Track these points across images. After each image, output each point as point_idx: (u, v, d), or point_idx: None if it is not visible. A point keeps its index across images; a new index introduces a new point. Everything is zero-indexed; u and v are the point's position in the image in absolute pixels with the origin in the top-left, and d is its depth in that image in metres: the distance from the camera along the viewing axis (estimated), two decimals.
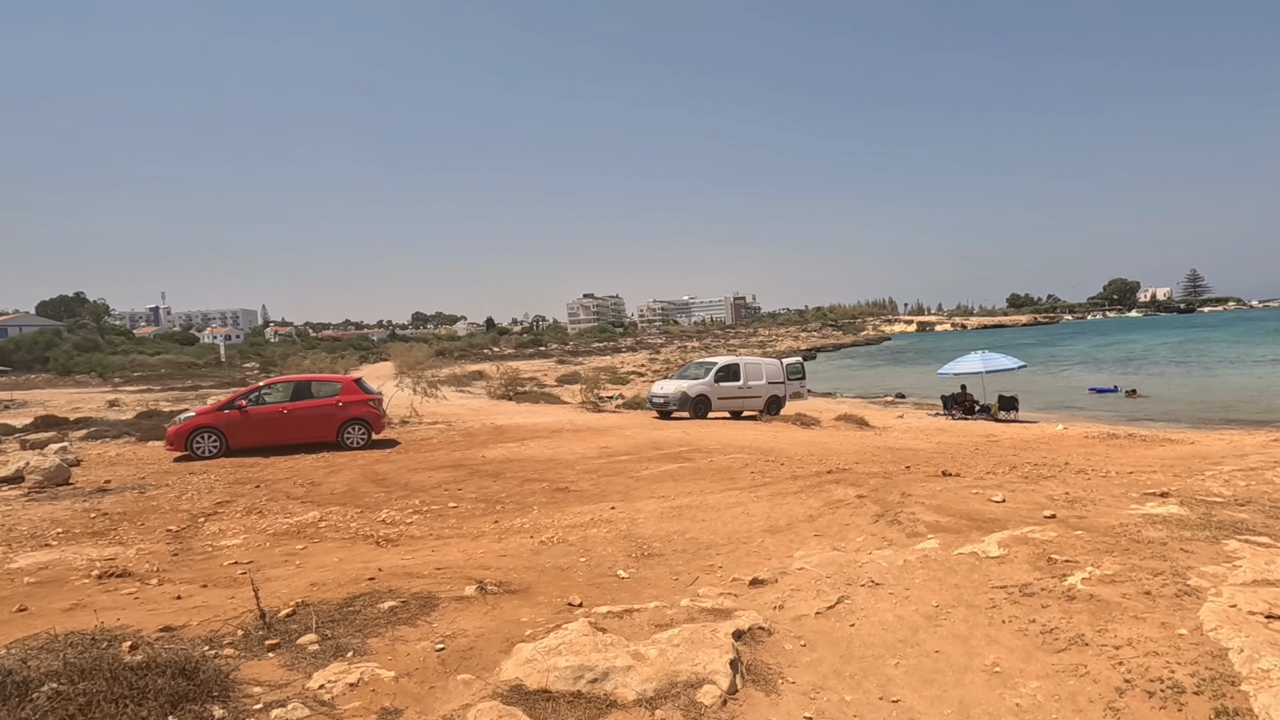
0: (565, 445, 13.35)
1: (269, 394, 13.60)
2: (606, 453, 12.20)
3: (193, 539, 6.64)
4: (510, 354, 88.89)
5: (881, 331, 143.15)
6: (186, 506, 8.25)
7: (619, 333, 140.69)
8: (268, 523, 7.23)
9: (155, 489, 9.48)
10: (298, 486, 9.46)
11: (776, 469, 9.31)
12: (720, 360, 19.83)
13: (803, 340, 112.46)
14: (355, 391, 13.70)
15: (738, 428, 16.50)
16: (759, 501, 7.01)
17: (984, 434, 16.11)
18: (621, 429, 16.26)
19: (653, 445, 12.95)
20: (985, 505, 6.44)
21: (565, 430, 16.18)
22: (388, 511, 7.63)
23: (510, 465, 10.97)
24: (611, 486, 8.73)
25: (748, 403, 19.59)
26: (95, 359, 58.69)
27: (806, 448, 12.40)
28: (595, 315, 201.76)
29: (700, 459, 10.72)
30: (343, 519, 7.31)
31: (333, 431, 13.31)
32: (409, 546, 5.98)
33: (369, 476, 10.22)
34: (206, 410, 12.91)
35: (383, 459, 12.09)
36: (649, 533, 6.04)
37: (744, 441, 13.29)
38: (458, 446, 13.68)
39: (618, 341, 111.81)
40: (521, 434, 15.64)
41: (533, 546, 5.75)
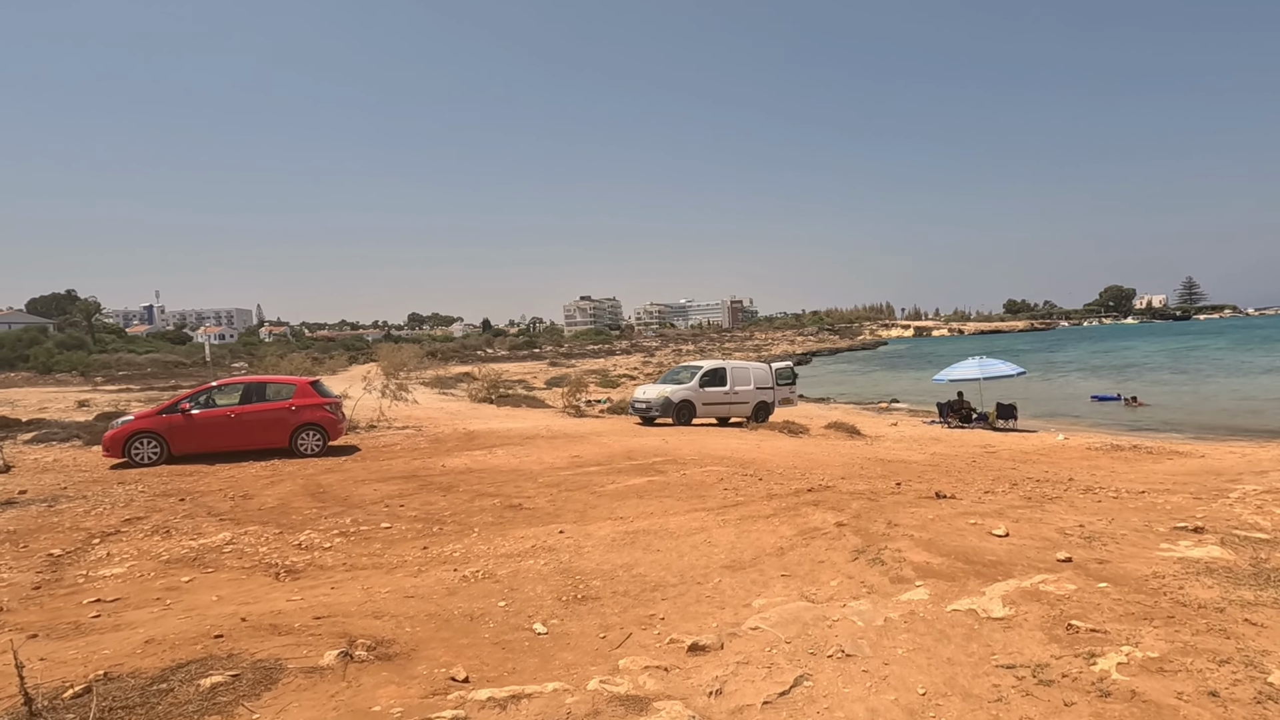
0: (534, 454, 12.49)
1: (221, 395, 12.71)
2: (576, 463, 11.34)
3: (72, 566, 5.76)
4: (504, 355, 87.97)
5: (878, 336, 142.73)
6: (90, 524, 7.36)
7: (614, 335, 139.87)
8: (168, 546, 6.34)
9: (70, 501, 8.59)
10: (226, 500, 8.57)
11: (753, 486, 8.44)
12: (706, 364, 18.99)
13: (799, 344, 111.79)
14: (310, 394, 12.81)
15: (721, 436, 15.64)
16: (725, 527, 6.15)
17: (981, 444, 15.28)
18: (599, 436, 15.39)
19: (627, 454, 12.08)
20: (985, 540, 5.51)
21: (539, 437, 15.31)
22: (310, 533, 6.75)
23: (467, 477, 10.10)
24: (569, 504, 7.87)
25: (734, 409, 18.73)
26: (76, 358, 57.56)
27: (790, 459, 11.55)
28: (592, 318, 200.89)
29: (673, 472, 9.85)
30: (255, 542, 6.43)
31: (285, 437, 12.41)
32: (309, 580, 5.11)
33: (309, 489, 9.34)
34: (146, 414, 11.99)
35: (333, 468, 11.20)
36: (592, 566, 5.18)
37: (724, 451, 12.43)
38: (420, 454, 12.81)
39: (612, 344, 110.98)
40: (492, 440, 14.76)
41: (451, 583, 4.89)
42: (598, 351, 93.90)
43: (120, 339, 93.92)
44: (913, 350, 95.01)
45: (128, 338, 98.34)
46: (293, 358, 28.37)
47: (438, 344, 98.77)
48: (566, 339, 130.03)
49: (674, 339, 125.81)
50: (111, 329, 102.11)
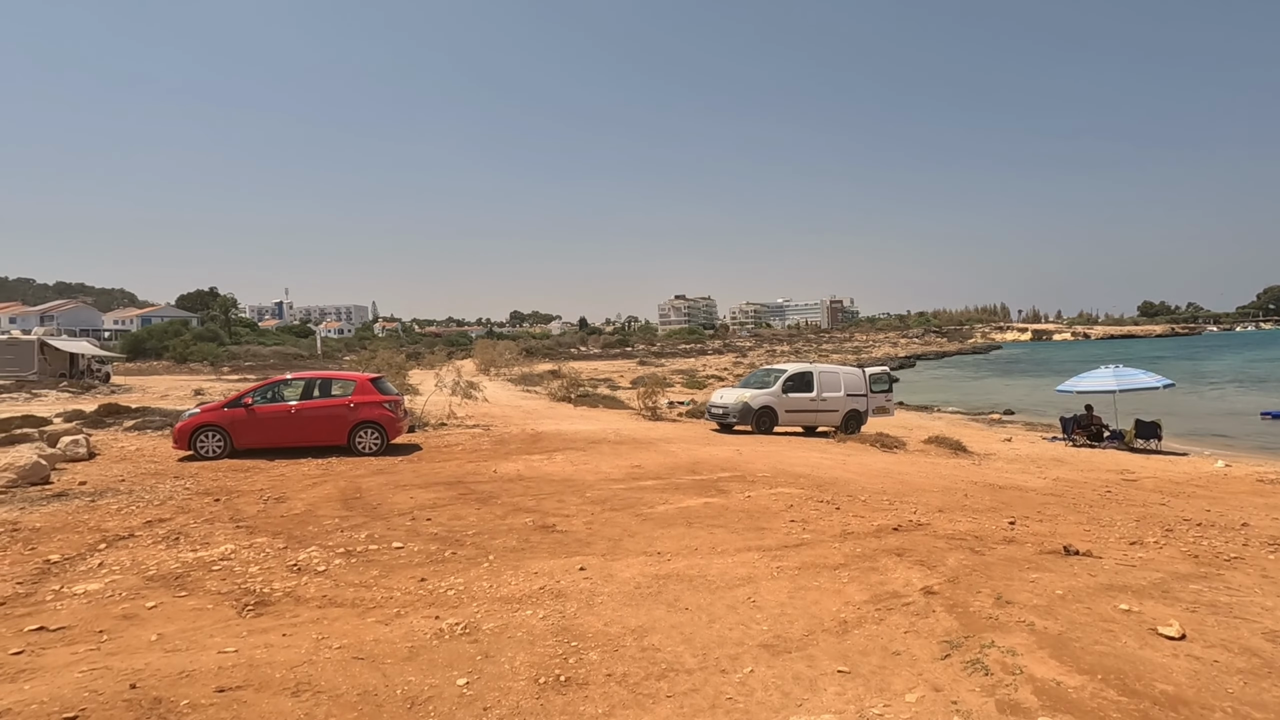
0: (593, 461, 11.57)
1: (287, 390, 12.64)
2: (633, 474, 10.31)
3: (57, 577, 5.33)
4: (596, 354, 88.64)
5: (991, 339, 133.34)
6: (112, 524, 7.08)
7: (707, 335, 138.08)
8: (164, 558, 5.84)
9: (114, 497, 8.47)
10: (258, 503, 8.17)
11: (826, 518, 7.06)
12: (790, 368, 17.44)
13: (902, 346, 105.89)
14: (370, 391, 12.49)
15: (802, 448, 14.13)
16: (779, 579, 4.89)
17: (1116, 469, 12.96)
18: (668, 443, 14.30)
19: (691, 467, 10.92)
20: (1150, 647, 3.78)
21: (605, 441, 14.41)
22: (314, 550, 6.09)
23: (512, 487, 9.30)
24: (606, 528, 6.83)
25: (822, 417, 17.09)
26: (208, 349, 62.82)
27: (879, 481, 9.99)
28: (686, 316, 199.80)
29: (736, 493, 8.60)
30: (251, 558, 5.83)
31: (343, 434, 12.15)
32: (269, 620, 4.35)
33: (346, 493, 8.83)
34: (212, 407, 12.05)
35: (383, 470, 10.75)
36: (598, 627, 4.12)
37: (803, 468, 11.01)
38: (476, 457, 12.21)
39: (705, 343, 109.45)
40: (555, 444, 14.01)
41: (421, 639, 3.97)
42: (689, 351, 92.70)
43: (253, 332, 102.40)
44: (1029, 355, 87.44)
45: (259, 331, 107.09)
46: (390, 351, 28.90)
47: (534, 341, 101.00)
48: (659, 338, 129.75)
49: (768, 339, 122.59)
50: (246, 323, 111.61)
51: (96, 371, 38.74)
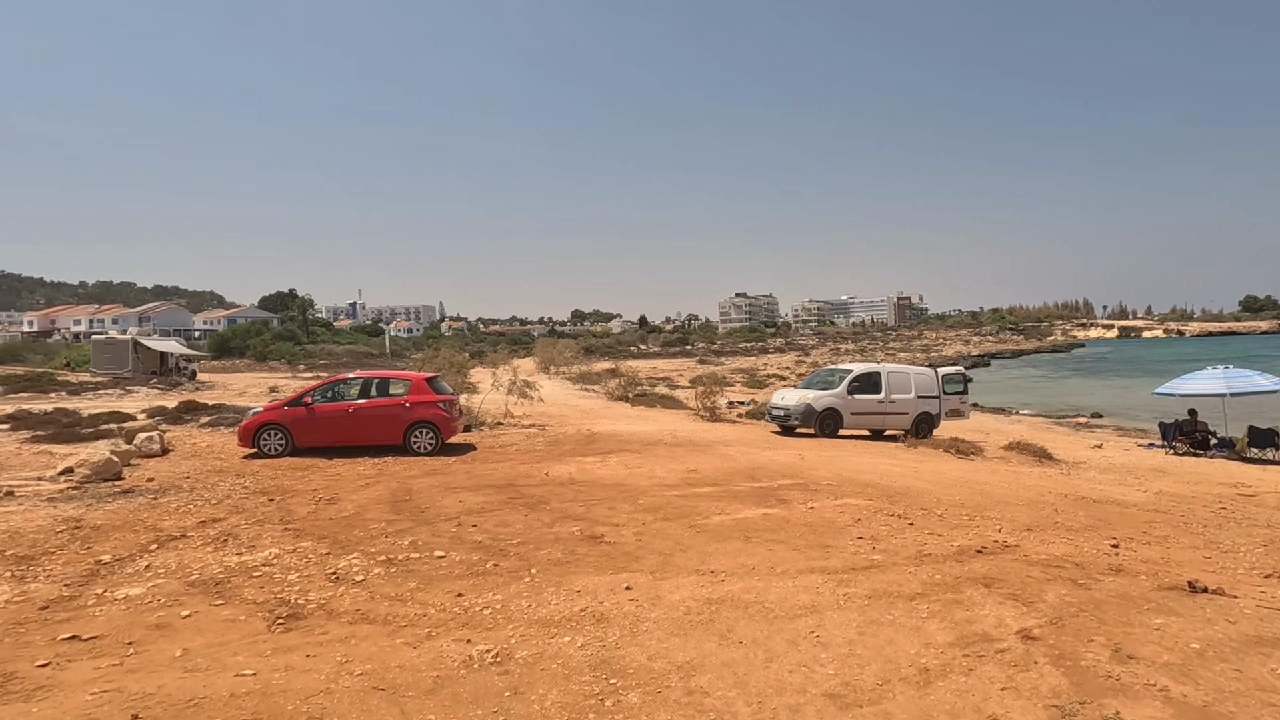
0: (647, 465, 11.18)
1: (347, 389, 12.77)
2: (689, 479, 9.86)
3: (104, 579, 5.31)
4: (656, 352, 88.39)
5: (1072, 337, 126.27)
6: (168, 524, 7.14)
7: (769, 333, 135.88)
8: (209, 561, 5.78)
9: (176, 495, 8.62)
10: (309, 504, 8.14)
11: (898, 535, 6.42)
12: (857, 367, 16.59)
13: (975, 345, 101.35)
14: (425, 391, 12.47)
15: (870, 453, 13.34)
16: (847, 608, 4.35)
17: (1229, 482, 11.66)
18: (726, 446, 13.77)
19: (750, 473, 10.39)
20: None
21: (661, 444, 14.01)
22: (356, 557, 5.91)
23: (563, 491, 9.01)
24: (657, 540, 6.41)
25: (890, 420, 16.19)
26: (285, 348, 65.86)
27: (956, 492, 9.20)
28: (747, 314, 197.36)
29: (798, 503, 8.03)
30: (292, 565, 5.69)
31: (399, 434, 12.16)
32: (296, 637, 4.13)
33: (396, 495, 8.72)
34: (274, 406, 12.27)
35: (436, 470, 10.66)
36: (641, 661, 3.70)
37: (871, 475, 10.30)
38: (530, 458, 12.01)
39: (766, 342, 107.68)
40: (610, 445, 13.70)
41: (447, 668, 3.65)
42: (750, 349, 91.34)
43: (328, 331, 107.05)
44: (1116, 354, 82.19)
45: (334, 330, 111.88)
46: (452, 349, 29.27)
47: (594, 340, 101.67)
48: (719, 336, 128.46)
49: (832, 337, 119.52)
50: (322, 322, 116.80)
51: (183, 369, 40.99)
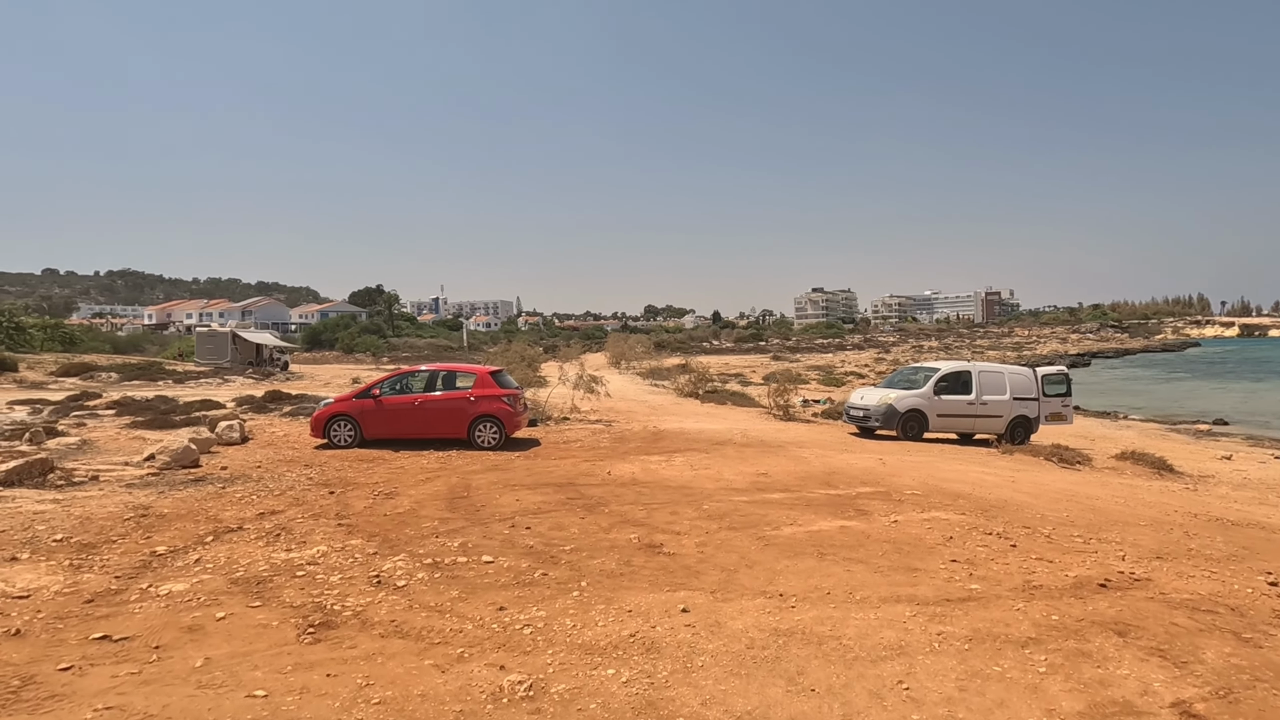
0: (715, 466, 10.60)
1: (414, 382, 12.80)
2: (758, 484, 9.22)
3: (154, 572, 5.24)
4: (729, 348, 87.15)
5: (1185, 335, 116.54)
6: (229, 514, 7.14)
7: (847, 329, 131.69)
8: (258, 556, 5.65)
9: (244, 484, 8.72)
10: (367, 498, 8.02)
11: (1000, 558, 5.60)
12: (944, 366, 15.39)
13: (1073, 343, 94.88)
14: (489, 385, 12.32)
15: (958, 459, 12.25)
16: (943, 651, 3.66)
17: None
18: (800, 447, 13.00)
19: (825, 478, 9.64)
20: None
21: (730, 443, 13.37)
22: (402, 559, 5.65)
23: (624, 492, 8.56)
24: (720, 553, 5.85)
25: (981, 423, 14.93)
26: (370, 341, 68.73)
27: (1063, 507, 8.17)
28: (824, 310, 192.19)
29: (880, 515, 7.27)
30: (338, 564, 5.48)
31: (463, 428, 12.06)
32: (323, 651, 3.83)
33: (455, 491, 8.51)
34: (345, 397, 12.42)
35: (498, 465, 10.44)
36: (694, 708, 3.16)
37: (961, 485, 9.35)
38: (594, 455, 11.65)
39: (844, 338, 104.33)
40: (677, 444, 13.18)
41: (471, 702, 3.23)
42: (826, 346, 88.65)
43: (412, 325, 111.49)
44: (1238, 354, 74.88)
45: (417, 325, 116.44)
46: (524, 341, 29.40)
47: (666, 335, 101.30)
48: (795, 332, 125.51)
49: (914, 334, 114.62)
50: (406, 317, 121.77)
51: (276, 360, 43.28)
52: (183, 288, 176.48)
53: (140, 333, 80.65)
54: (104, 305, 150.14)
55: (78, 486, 8.25)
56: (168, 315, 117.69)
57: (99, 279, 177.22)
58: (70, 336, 47.19)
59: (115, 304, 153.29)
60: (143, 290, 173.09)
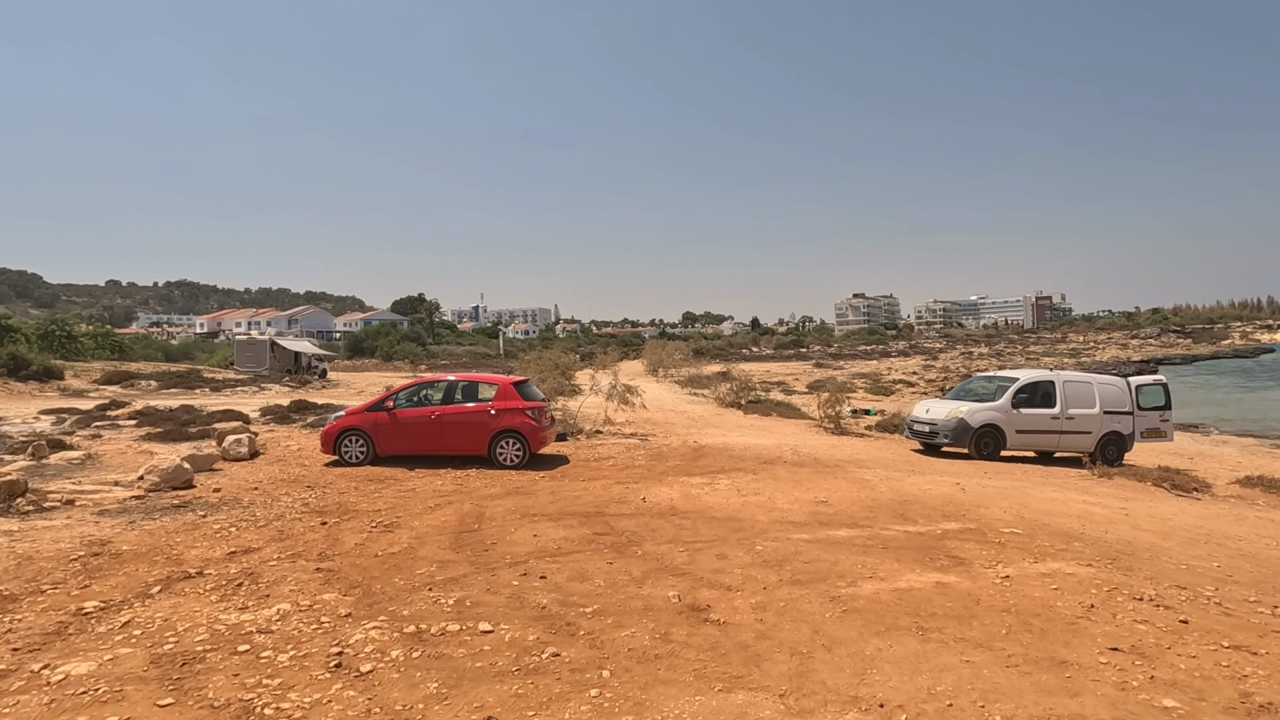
0: (765, 490, 9.21)
1: (433, 393, 11.71)
2: (819, 515, 7.80)
3: (64, 642, 4.14)
4: (769, 355, 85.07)
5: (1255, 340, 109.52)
6: (196, 552, 6.06)
7: (890, 335, 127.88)
8: (201, 619, 4.52)
9: (228, 511, 7.69)
10: (362, 531, 6.88)
11: (1179, 645, 4.06)
12: (1023, 375, 13.65)
13: (1134, 349, 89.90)
14: (512, 396, 11.14)
15: (1051, 484, 10.57)
16: None
17: None
18: (860, 466, 11.49)
19: (898, 508, 8.15)
20: None
21: (780, 461, 11.94)
22: (380, 624, 4.44)
23: (661, 526, 7.25)
24: (785, 622, 4.49)
25: (1067, 440, 13.15)
26: (408, 348, 68.89)
27: (1208, 555, 6.54)
28: (865, 316, 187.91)
29: (982, 566, 5.79)
30: (295, 633, 4.30)
31: (483, 444, 10.90)
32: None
33: (463, 523, 7.31)
34: (357, 410, 11.38)
35: (519, 489, 9.23)
36: None
37: (1068, 520, 7.76)
38: (626, 476, 10.36)
39: (888, 344, 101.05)
40: (720, 462, 11.81)
41: None
42: (870, 353, 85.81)
43: (452, 333, 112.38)
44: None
45: (457, 332, 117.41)
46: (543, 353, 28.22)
47: (704, 342, 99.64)
48: (836, 338, 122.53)
49: (961, 340, 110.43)
50: (447, 325, 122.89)
51: (314, 368, 43.22)
52: (235, 297, 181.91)
53: (192, 341, 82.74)
54: (161, 315, 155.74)
55: (45, 514, 7.32)
56: (218, 324, 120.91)
57: (158, 290, 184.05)
58: (120, 345, 48.10)
59: (172, 313, 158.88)
60: (198, 300, 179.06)
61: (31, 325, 43.63)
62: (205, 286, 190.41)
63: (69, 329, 43.63)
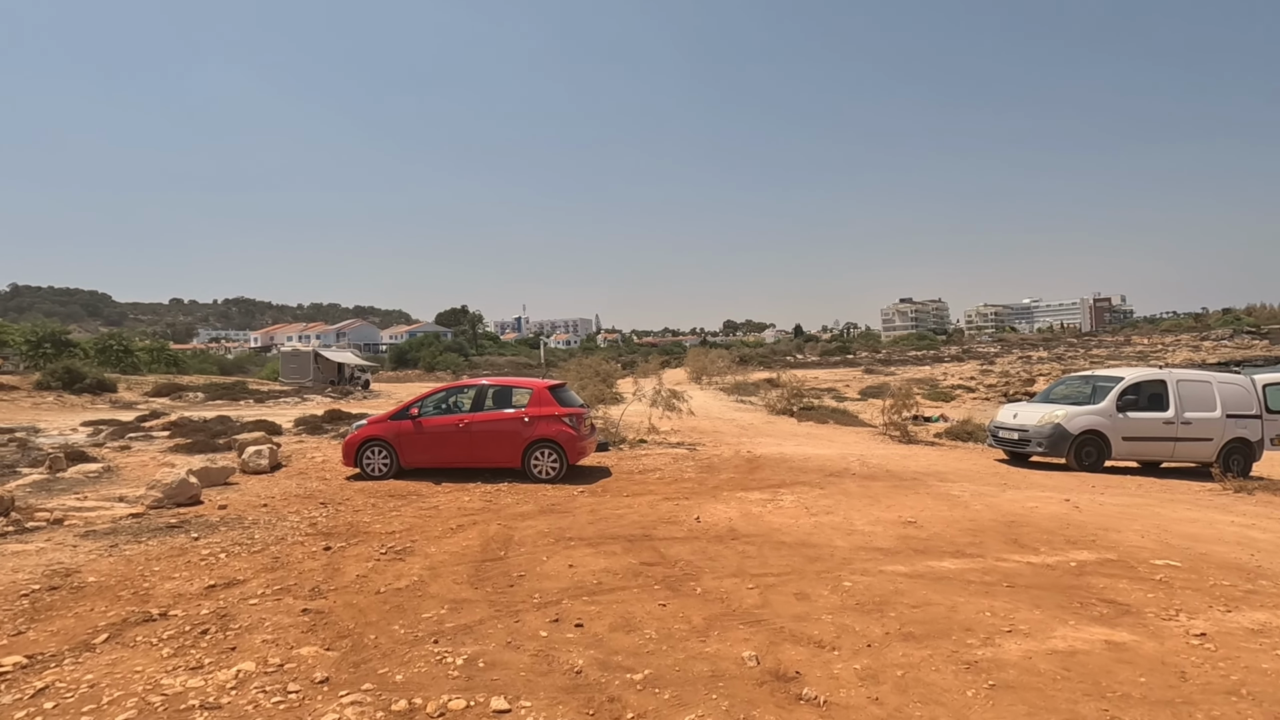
0: (839, 509, 7.88)
1: (462, 399, 10.73)
2: (910, 540, 6.47)
3: None
4: (814, 361, 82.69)
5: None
6: (169, 586, 5.10)
7: (941, 340, 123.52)
8: (143, 680, 3.50)
9: (223, 533, 6.77)
10: (371, 558, 5.85)
11: None
12: (1129, 374, 11.94)
13: (1207, 351, 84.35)
14: (547, 402, 10.05)
15: (1180, 500, 8.93)
16: None
17: None
18: (943, 480, 10.04)
19: (1006, 532, 6.74)
20: None
21: (847, 473, 10.57)
22: (360, 697, 3.34)
23: (721, 553, 6.03)
24: (914, 704, 3.24)
25: (1184, 448, 11.41)
26: (450, 359, 69.12)
27: None
28: (913, 321, 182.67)
29: (1154, 614, 4.40)
30: (249, 707, 3.22)
31: (516, 455, 9.84)
32: None
33: (487, 548, 6.22)
34: (379, 418, 10.45)
35: (554, 507, 8.12)
36: None
37: (1228, 548, 6.23)
38: (675, 491, 9.16)
39: (939, 349, 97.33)
40: (780, 474, 10.51)
41: None
42: (921, 358, 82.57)
43: (494, 344, 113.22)
44: None
45: (500, 343, 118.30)
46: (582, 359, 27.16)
47: (747, 349, 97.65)
48: (884, 344, 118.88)
49: (1016, 344, 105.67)
50: (490, 336, 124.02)
51: (357, 379, 43.24)
52: (288, 313, 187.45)
53: (246, 355, 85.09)
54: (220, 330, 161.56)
55: (24, 535, 6.51)
56: (270, 338, 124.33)
57: (216, 307, 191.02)
58: (174, 358, 49.20)
59: (229, 329, 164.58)
60: (254, 316, 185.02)
61: (90, 340, 44.90)
62: (260, 303, 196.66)
63: (125, 343, 44.71)
